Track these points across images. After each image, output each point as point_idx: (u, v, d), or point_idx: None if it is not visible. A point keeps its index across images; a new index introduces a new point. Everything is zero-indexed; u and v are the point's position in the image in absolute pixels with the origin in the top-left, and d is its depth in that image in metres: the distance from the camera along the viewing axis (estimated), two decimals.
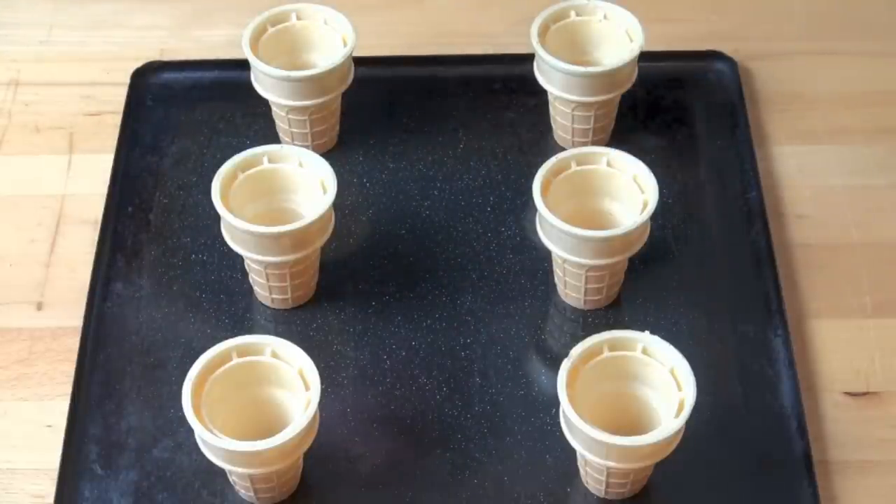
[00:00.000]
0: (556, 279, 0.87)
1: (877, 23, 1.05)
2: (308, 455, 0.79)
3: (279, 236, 0.83)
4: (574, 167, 0.85)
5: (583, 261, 0.83)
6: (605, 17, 0.93)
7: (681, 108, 0.98)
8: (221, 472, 0.79)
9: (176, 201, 0.93)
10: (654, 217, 0.92)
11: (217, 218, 0.84)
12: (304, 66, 0.92)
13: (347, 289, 0.89)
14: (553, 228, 0.83)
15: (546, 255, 0.90)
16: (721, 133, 0.97)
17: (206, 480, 0.81)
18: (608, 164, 0.86)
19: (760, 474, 0.81)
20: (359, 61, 0.94)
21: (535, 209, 0.85)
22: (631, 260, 0.89)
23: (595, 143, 0.95)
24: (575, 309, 0.88)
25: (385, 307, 0.88)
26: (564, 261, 0.84)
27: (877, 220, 0.93)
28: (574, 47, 0.94)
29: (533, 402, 0.84)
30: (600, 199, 0.86)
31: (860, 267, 0.91)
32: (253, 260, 0.85)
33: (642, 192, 0.84)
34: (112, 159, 0.95)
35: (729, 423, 0.83)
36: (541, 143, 0.96)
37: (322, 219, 0.84)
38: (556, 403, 0.77)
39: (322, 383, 0.77)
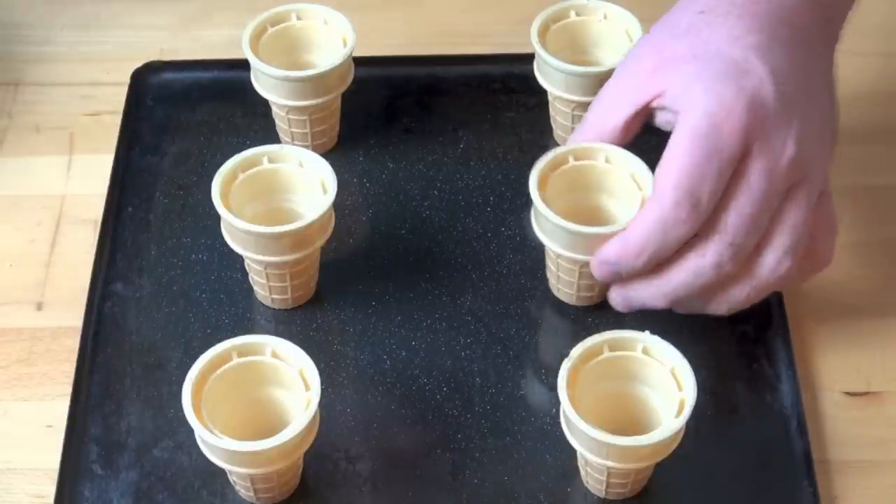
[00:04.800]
0: (548, 274, 0.87)
1: (877, 23, 1.05)
2: (308, 455, 0.79)
3: (279, 236, 0.83)
4: (572, 162, 0.85)
5: (577, 256, 0.83)
6: (605, 16, 0.93)
7: None
8: (221, 472, 0.79)
9: (176, 201, 0.93)
10: None
11: (217, 218, 0.84)
12: (304, 66, 0.92)
13: (347, 289, 0.89)
14: (548, 223, 0.82)
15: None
16: None
17: (206, 480, 0.81)
18: (606, 161, 0.85)
19: (760, 474, 0.81)
20: (359, 61, 0.94)
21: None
22: None
23: None
24: (575, 309, 0.88)
25: (385, 307, 0.88)
26: (558, 256, 0.84)
27: (877, 220, 0.93)
28: (574, 47, 0.94)
29: (533, 402, 0.84)
30: (597, 195, 0.86)
31: (860, 267, 0.91)
32: (253, 260, 0.85)
33: (640, 189, 0.84)
34: (112, 159, 0.95)
35: (729, 423, 0.83)
36: (541, 143, 0.96)
37: (322, 219, 0.84)
38: (556, 403, 0.77)
39: (322, 383, 0.77)
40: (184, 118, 0.98)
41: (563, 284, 0.86)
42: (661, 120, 0.82)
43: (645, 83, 0.81)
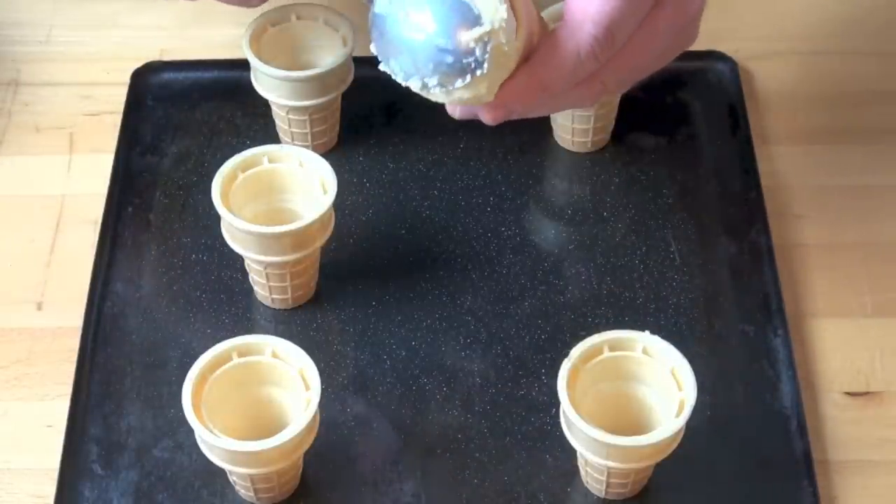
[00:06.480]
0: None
1: (876, 23, 1.05)
2: (308, 455, 0.79)
3: (280, 236, 0.83)
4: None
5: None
6: None
7: (681, 108, 0.98)
8: (221, 472, 0.79)
9: (176, 201, 0.93)
10: (655, 216, 0.92)
11: (217, 218, 0.84)
12: (304, 66, 0.92)
13: (347, 289, 0.89)
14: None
15: (546, 256, 0.90)
16: (721, 133, 0.97)
17: (206, 480, 0.81)
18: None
19: (760, 474, 0.81)
20: (359, 61, 0.94)
21: (534, 209, 0.85)
22: (631, 261, 0.89)
23: (595, 143, 0.95)
24: (575, 308, 0.88)
25: (385, 307, 0.88)
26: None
27: (877, 220, 0.93)
28: None
29: (533, 402, 0.84)
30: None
31: (860, 267, 0.91)
32: (253, 260, 0.85)
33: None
34: (112, 159, 0.95)
35: (729, 423, 0.83)
36: (541, 143, 0.96)
37: (322, 219, 0.84)
38: (556, 403, 0.77)
39: (322, 383, 0.77)
40: (184, 118, 0.98)
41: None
42: None
43: None
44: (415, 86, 0.70)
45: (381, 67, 0.71)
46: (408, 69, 0.70)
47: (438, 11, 0.68)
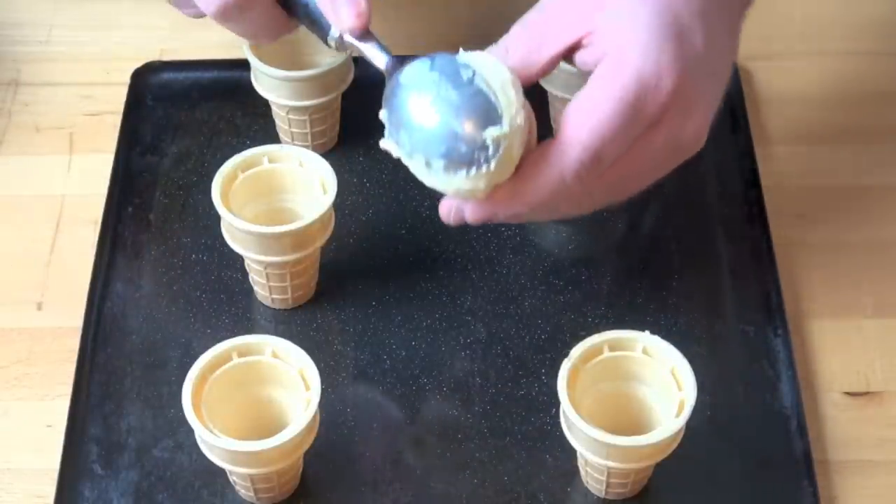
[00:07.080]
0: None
1: (876, 23, 1.05)
2: (308, 455, 0.79)
3: (280, 236, 0.83)
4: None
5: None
6: None
7: None
8: (221, 472, 0.79)
9: (176, 201, 0.93)
10: (655, 216, 0.92)
11: (217, 218, 0.84)
12: (304, 67, 0.92)
13: (347, 289, 0.89)
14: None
15: (546, 255, 0.90)
16: (721, 133, 0.96)
17: (206, 480, 0.81)
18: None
19: (760, 474, 0.81)
20: (359, 61, 0.94)
21: None
22: (630, 260, 0.89)
23: None
24: (575, 308, 0.88)
25: (385, 307, 0.88)
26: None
27: (877, 220, 0.93)
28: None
29: (533, 402, 0.84)
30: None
31: (860, 267, 0.91)
32: (253, 260, 0.85)
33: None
34: (112, 159, 0.95)
35: (729, 423, 0.83)
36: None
37: (322, 219, 0.84)
38: (556, 403, 0.77)
39: (322, 383, 0.77)
40: (184, 118, 0.98)
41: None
42: (579, 60, 0.75)
43: (580, 20, 0.74)
44: (417, 163, 0.71)
45: (382, 144, 0.72)
46: (416, 145, 0.71)
47: (465, 100, 0.70)
